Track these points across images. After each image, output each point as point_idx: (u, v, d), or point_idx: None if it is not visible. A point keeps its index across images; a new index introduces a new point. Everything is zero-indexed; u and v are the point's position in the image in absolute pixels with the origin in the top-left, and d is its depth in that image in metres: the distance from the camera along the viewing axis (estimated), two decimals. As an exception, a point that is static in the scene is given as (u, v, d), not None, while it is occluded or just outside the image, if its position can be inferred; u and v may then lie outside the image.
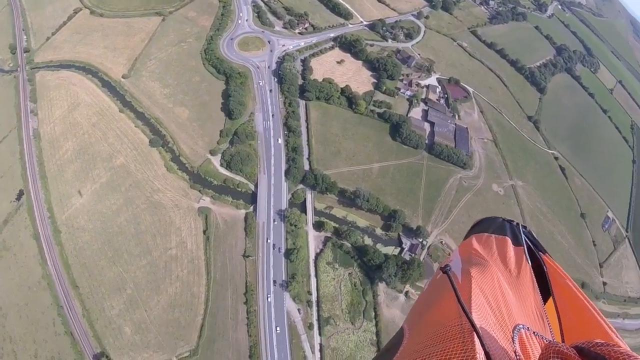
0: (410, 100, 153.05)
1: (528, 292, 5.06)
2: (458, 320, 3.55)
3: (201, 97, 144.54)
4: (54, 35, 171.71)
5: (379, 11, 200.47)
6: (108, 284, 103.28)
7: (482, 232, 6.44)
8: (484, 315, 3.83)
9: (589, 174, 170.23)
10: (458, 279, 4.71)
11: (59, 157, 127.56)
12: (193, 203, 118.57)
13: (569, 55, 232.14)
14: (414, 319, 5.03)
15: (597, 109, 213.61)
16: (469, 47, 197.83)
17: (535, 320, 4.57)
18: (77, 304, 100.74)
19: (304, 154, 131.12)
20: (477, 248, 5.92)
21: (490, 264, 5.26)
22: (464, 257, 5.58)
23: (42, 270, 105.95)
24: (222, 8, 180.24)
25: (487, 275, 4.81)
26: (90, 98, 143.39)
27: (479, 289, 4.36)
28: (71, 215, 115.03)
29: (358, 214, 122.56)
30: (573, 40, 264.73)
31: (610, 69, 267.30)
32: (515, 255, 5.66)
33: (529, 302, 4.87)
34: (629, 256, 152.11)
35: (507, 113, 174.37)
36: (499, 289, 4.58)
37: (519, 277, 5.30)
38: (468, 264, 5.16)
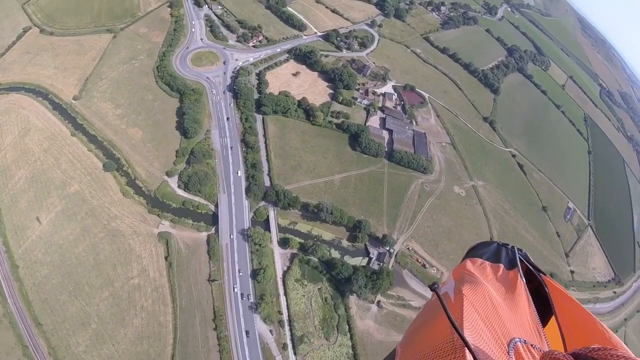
0: (368, 109, 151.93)
1: (523, 307, 4.85)
2: (450, 337, 3.47)
3: (155, 116, 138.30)
4: (3, 56, 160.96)
5: (332, 21, 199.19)
6: (72, 319, 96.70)
7: (476, 257, 6.13)
8: (478, 330, 3.72)
9: (546, 168, 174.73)
10: (450, 298, 4.59)
11: (11, 187, 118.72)
12: (152, 228, 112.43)
13: (520, 55, 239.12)
14: (407, 339, 4.80)
15: (550, 105, 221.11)
16: (423, 53, 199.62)
17: (532, 334, 4.36)
18: (42, 342, 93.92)
19: (264, 169, 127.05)
20: (471, 270, 5.64)
21: (482, 282, 5.04)
22: (457, 279, 5.37)
23: (3, 309, 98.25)
24: (174, 23, 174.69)
25: (480, 292, 4.64)
26: (41, 122, 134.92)
27: (471, 305, 4.22)
28: (28, 248, 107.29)
29: (323, 227, 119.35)
30: (523, 41, 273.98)
31: (561, 65, 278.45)
32: (509, 276, 5.50)
33: (524, 317, 4.66)
34: (593, 242, 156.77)
35: (463, 115, 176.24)
36: (492, 305, 4.42)
37: (513, 293, 5.06)
38: (460, 284, 4.94)
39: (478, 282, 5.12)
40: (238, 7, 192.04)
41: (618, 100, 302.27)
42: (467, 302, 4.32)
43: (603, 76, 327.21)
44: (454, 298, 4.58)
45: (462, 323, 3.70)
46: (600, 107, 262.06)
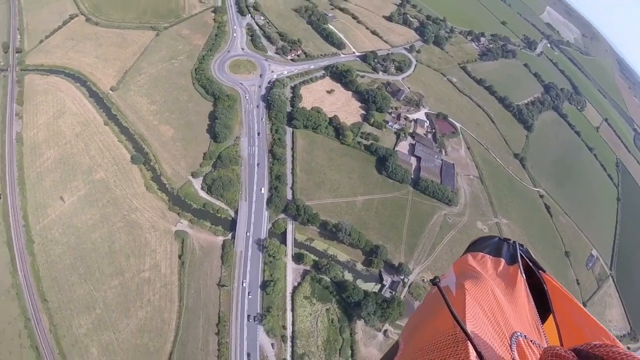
0: (398, 134, 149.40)
1: (523, 303, 4.83)
2: (452, 330, 3.48)
3: (188, 116, 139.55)
4: (47, 39, 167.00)
5: (371, 43, 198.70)
6: (78, 301, 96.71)
7: (477, 251, 6.06)
8: (480, 324, 3.74)
9: (573, 211, 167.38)
10: (452, 292, 4.58)
11: (39, 165, 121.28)
12: (170, 225, 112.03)
13: (557, 93, 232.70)
14: (409, 331, 4.86)
15: (582, 147, 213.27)
16: (459, 83, 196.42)
17: (531, 330, 4.34)
18: (45, 318, 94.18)
19: (288, 182, 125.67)
20: (472, 264, 5.60)
21: (484, 277, 5.05)
22: (458, 273, 5.37)
23: (12, 280, 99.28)
24: (216, 28, 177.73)
25: (481, 286, 4.64)
26: (76, 107, 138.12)
27: (473, 299, 4.23)
28: (46, 226, 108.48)
29: (339, 247, 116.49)
30: (561, 78, 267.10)
31: (597, 106, 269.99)
32: (510, 271, 5.43)
33: (524, 313, 4.64)
34: (613, 294, 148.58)
35: (494, 150, 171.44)
36: (494, 299, 4.42)
37: (513, 289, 5.02)
38: (462, 278, 4.94)
39: (480, 276, 5.02)
40: (280, 20, 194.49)
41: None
42: (469, 295, 4.27)
43: (639, 121, 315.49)
44: (456, 292, 4.48)
45: (464, 316, 3.67)
46: (634, 153, 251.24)
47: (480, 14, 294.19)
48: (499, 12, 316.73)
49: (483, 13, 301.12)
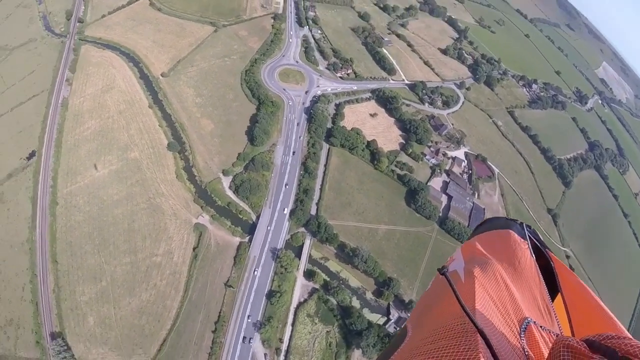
0: (433, 169, 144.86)
1: (533, 286, 4.67)
2: (460, 319, 3.40)
3: (230, 115, 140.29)
4: (110, 15, 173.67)
5: (423, 73, 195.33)
6: (87, 269, 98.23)
7: (484, 231, 5.96)
8: (489, 312, 3.69)
9: (597, 277, 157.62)
10: (461, 278, 4.50)
11: (78, 132, 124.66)
12: (192, 217, 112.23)
13: (601, 153, 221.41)
14: (417, 317, 4.82)
15: (618, 212, 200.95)
16: (504, 127, 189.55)
17: (543, 315, 4.29)
18: (52, 278, 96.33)
19: (314, 198, 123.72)
20: (480, 247, 5.47)
21: (493, 260, 4.91)
22: (466, 257, 5.28)
23: (29, 234, 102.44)
24: (273, 35, 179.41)
25: (490, 272, 4.52)
26: (125, 85, 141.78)
27: (482, 286, 4.13)
28: (72, 191, 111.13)
29: (353, 272, 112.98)
30: (607, 137, 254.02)
31: (639, 172, 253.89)
32: (519, 250, 5.13)
33: (535, 297, 4.52)
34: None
35: (528, 201, 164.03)
36: (504, 285, 4.33)
37: (523, 271, 4.84)
38: (470, 264, 4.84)
39: (488, 261, 4.88)
40: (336, 36, 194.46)
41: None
42: (478, 283, 4.16)
43: None
44: (465, 279, 4.39)
45: (474, 305, 3.62)
46: None
47: (535, 60, 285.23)
48: (555, 61, 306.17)
49: (539, 60, 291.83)
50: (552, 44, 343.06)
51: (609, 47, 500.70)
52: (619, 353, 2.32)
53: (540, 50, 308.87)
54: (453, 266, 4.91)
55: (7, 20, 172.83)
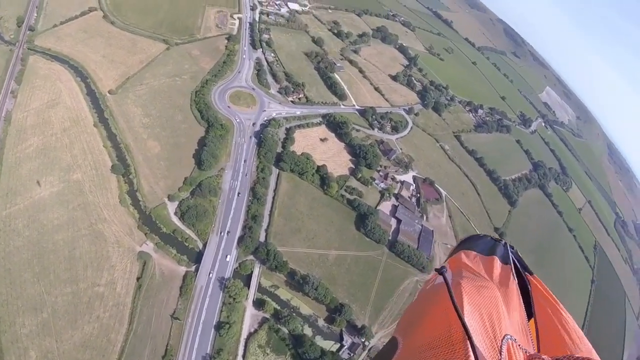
0: (383, 193, 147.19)
1: (515, 306, 4.86)
2: (449, 328, 3.57)
3: (177, 137, 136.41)
4: (62, 25, 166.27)
5: (373, 99, 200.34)
6: (26, 299, 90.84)
7: (470, 249, 6.14)
8: (474, 323, 3.78)
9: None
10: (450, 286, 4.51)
11: (20, 150, 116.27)
12: (135, 245, 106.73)
13: (544, 172, 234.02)
14: (406, 327, 4.82)
15: (563, 227, 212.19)
16: (450, 151, 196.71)
17: (520, 334, 4.34)
18: None
19: (263, 224, 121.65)
20: (467, 262, 5.69)
21: (478, 277, 5.17)
22: (454, 270, 5.33)
23: None
24: (226, 56, 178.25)
25: (476, 286, 4.63)
26: (71, 101, 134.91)
27: (469, 298, 4.23)
28: (12, 214, 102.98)
29: (304, 299, 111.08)
30: (550, 158, 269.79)
31: (582, 188, 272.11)
32: (502, 272, 5.49)
33: (515, 316, 4.64)
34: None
35: (475, 221, 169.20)
36: (489, 300, 4.41)
37: (506, 291, 5.07)
38: (458, 277, 4.94)
39: (475, 276, 5.03)
40: (289, 60, 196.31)
41: (631, 232, 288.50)
42: (465, 294, 4.24)
43: (621, 205, 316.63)
44: (453, 290, 4.35)
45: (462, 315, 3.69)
46: (612, 236, 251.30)
47: (482, 87, 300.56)
48: (501, 86, 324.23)
49: (485, 86, 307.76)
50: (498, 71, 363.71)
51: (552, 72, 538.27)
52: None
53: (486, 76, 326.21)
54: (439, 279, 4.82)
55: None
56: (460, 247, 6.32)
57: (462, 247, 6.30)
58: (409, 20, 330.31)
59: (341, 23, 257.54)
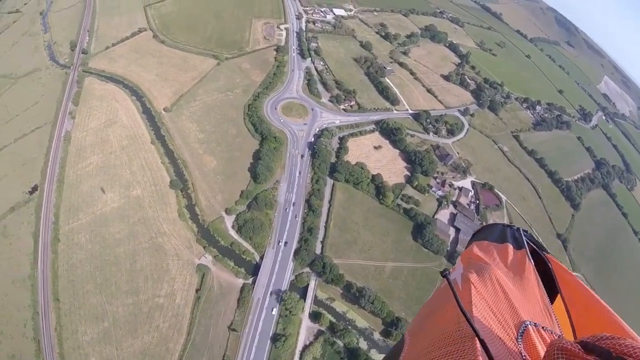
0: (440, 201, 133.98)
1: (532, 288, 4.59)
2: (457, 325, 3.35)
3: (232, 151, 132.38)
4: (114, 47, 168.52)
5: (426, 101, 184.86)
6: (89, 309, 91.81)
7: (482, 239, 5.81)
8: (486, 317, 3.61)
9: (609, 299, 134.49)
10: (459, 285, 4.33)
11: (81, 168, 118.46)
12: (194, 258, 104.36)
13: (608, 171, 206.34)
14: (416, 327, 4.68)
15: (628, 230, 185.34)
16: (509, 152, 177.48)
17: (543, 315, 4.15)
18: (54, 316, 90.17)
19: (319, 236, 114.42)
20: (478, 254, 5.36)
21: (490, 265, 4.82)
22: (465, 265, 5.05)
23: (31, 271, 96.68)
24: (276, 67, 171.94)
25: (487, 277, 4.39)
26: (127, 120, 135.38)
27: (478, 292, 4.02)
28: (74, 228, 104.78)
29: (359, 312, 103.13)
30: (613, 154, 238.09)
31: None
32: (518, 258, 5.15)
33: (534, 299, 4.42)
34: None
35: (537, 228, 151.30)
36: (500, 290, 4.19)
37: (522, 275, 4.79)
38: (468, 271, 4.65)
39: (486, 266, 4.74)
40: (339, 67, 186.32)
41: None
42: (474, 289, 4.02)
43: None
44: (462, 286, 4.21)
45: (471, 310, 3.53)
46: None
47: (538, 81, 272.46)
48: (557, 80, 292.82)
49: (541, 80, 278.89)
50: (554, 63, 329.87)
51: (610, 61, 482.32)
52: (613, 353, 2.24)
53: (541, 70, 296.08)
54: (453, 275, 4.56)
55: (13, 48, 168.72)
56: (473, 239, 5.99)
57: (475, 238, 5.97)
58: (457, 16, 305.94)
59: (388, 25, 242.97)
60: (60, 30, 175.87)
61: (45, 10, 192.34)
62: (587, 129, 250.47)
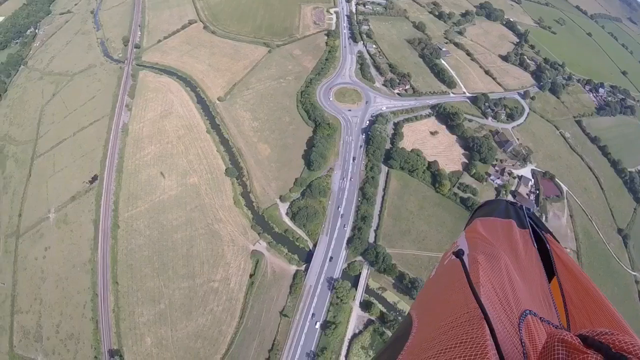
0: (499, 191, 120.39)
1: (535, 276, 4.47)
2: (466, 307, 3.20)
3: (286, 139, 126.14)
4: (165, 40, 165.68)
5: (484, 84, 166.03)
6: (146, 292, 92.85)
7: (486, 215, 5.72)
8: (491, 301, 3.46)
9: None
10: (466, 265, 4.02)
11: (139, 158, 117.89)
12: (249, 244, 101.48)
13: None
14: (422, 306, 4.43)
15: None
16: (572, 139, 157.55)
17: (542, 306, 4.01)
18: (112, 298, 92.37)
19: (373, 225, 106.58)
20: (483, 232, 5.21)
21: (497, 249, 4.61)
22: (470, 243, 4.89)
23: (91, 255, 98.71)
24: (327, 53, 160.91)
25: (494, 260, 4.22)
26: (183, 110, 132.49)
27: (486, 275, 3.83)
28: (133, 215, 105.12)
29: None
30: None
31: None
32: (521, 239, 5.01)
33: (535, 287, 4.29)
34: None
35: (598, 222, 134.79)
36: (507, 275, 4.00)
37: (525, 260, 4.66)
38: (474, 250, 4.54)
39: (492, 249, 4.51)
40: (392, 50, 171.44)
41: None
42: (482, 271, 3.78)
43: None
44: (470, 267, 3.88)
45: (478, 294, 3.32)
46: None
47: (600, 61, 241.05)
48: (620, 60, 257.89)
49: (603, 60, 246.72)
50: (616, 41, 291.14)
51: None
52: (612, 349, 2.17)
53: (603, 49, 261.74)
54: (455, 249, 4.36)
55: (67, 46, 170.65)
56: (476, 215, 5.75)
57: (478, 214, 5.74)
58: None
59: (441, 3, 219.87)
60: (111, 27, 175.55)
61: (96, 9, 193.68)
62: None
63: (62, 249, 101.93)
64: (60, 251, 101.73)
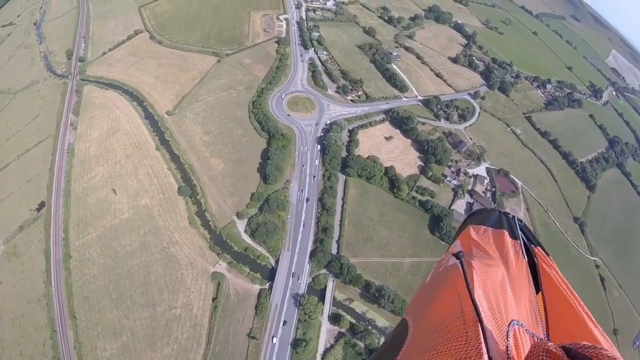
0: (456, 191, 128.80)
1: (523, 288, 4.65)
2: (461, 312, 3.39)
3: (240, 152, 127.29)
4: (111, 51, 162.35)
5: (435, 86, 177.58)
6: (106, 324, 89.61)
7: (479, 223, 5.86)
8: (484, 308, 3.58)
9: (628, 284, 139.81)
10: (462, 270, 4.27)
11: (86, 180, 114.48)
12: (208, 266, 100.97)
13: (621, 149, 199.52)
14: (417, 310, 4.57)
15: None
16: (523, 135, 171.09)
17: (529, 317, 4.24)
18: (71, 334, 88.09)
19: (334, 235, 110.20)
20: (477, 239, 5.39)
21: (490, 257, 4.90)
22: (465, 249, 5.15)
23: (45, 289, 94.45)
24: (278, 61, 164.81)
25: (488, 267, 4.43)
26: (130, 126, 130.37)
27: (479, 280, 4.02)
28: (85, 243, 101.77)
29: (379, 312, 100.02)
30: (625, 131, 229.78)
31: None
32: (512, 249, 5.18)
33: (523, 298, 4.47)
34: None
35: (554, 212, 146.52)
36: (499, 284, 4.20)
37: (515, 271, 4.81)
38: (469, 255, 4.74)
39: (486, 258, 4.75)
40: (343, 56, 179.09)
41: None
42: (476, 277, 3.96)
43: None
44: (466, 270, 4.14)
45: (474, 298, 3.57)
46: None
47: (546, 58, 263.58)
48: (565, 56, 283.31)
49: (549, 57, 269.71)
50: (561, 38, 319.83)
51: (616, 34, 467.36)
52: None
53: (549, 46, 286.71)
54: (452, 260, 4.54)
55: (9, 62, 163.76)
56: (469, 222, 5.95)
57: (471, 221, 5.93)
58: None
59: (390, 8, 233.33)
60: (55, 40, 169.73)
61: (39, 21, 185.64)
62: (598, 106, 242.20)
63: (14, 283, 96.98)
64: (12, 286, 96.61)
